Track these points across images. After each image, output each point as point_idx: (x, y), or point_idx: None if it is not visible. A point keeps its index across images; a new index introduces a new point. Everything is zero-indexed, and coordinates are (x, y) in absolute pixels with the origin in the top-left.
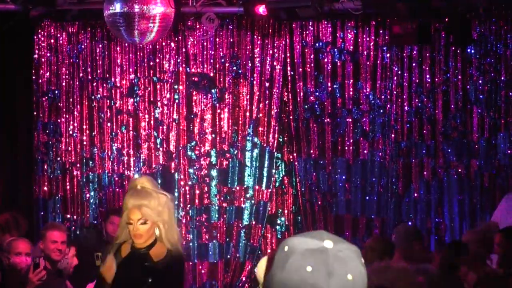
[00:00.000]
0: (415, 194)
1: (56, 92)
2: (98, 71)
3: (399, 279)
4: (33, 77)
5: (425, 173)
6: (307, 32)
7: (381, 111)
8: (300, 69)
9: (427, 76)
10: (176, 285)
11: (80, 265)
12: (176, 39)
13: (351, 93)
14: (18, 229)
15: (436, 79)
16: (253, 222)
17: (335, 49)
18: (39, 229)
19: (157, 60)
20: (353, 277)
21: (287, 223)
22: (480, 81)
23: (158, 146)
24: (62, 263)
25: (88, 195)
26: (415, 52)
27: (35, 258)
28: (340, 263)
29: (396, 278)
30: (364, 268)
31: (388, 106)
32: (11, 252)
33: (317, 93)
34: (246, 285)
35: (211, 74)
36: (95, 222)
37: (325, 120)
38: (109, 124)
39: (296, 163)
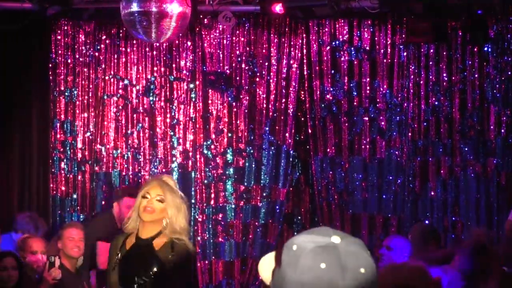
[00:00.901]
0: (432, 193)
1: (73, 90)
2: (115, 70)
3: (414, 278)
4: (50, 76)
5: (442, 171)
6: (324, 30)
7: (398, 109)
8: (317, 68)
9: (444, 74)
10: (181, 274)
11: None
12: (193, 37)
13: (367, 91)
14: (36, 231)
15: (453, 78)
16: (270, 221)
17: (352, 48)
18: (56, 228)
19: (174, 59)
20: (365, 269)
21: (303, 222)
22: (497, 80)
23: (175, 145)
24: (78, 261)
25: (103, 194)
26: (432, 50)
27: (50, 257)
28: (352, 257)
29: (412, 277)
30: (373, 260)
31: (405, 104)
32: (26, 251)
33: (334, 92)
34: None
35: (228, 73)
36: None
37: (342, 119)
38: (125, 123)
39: (312, 162)
